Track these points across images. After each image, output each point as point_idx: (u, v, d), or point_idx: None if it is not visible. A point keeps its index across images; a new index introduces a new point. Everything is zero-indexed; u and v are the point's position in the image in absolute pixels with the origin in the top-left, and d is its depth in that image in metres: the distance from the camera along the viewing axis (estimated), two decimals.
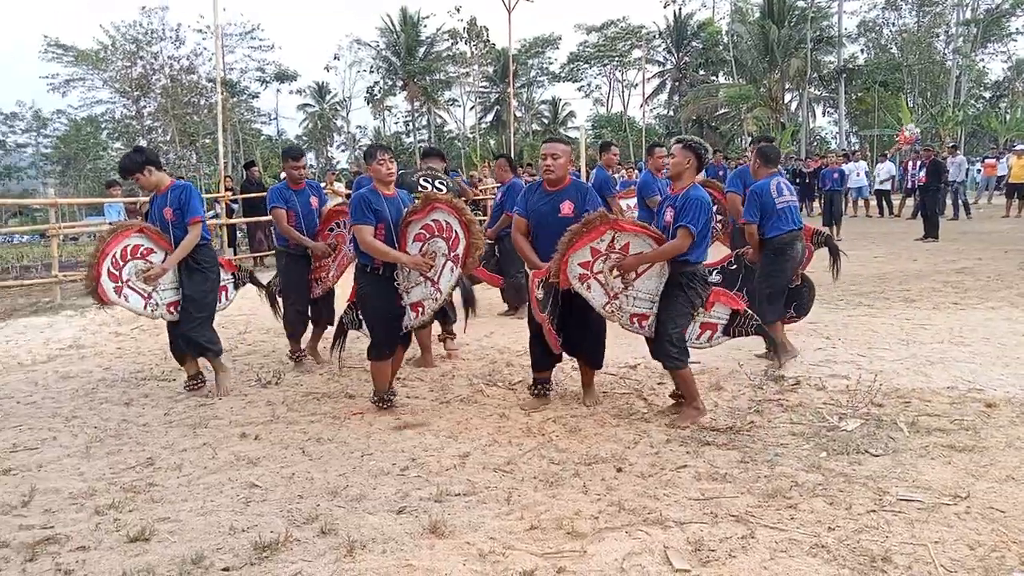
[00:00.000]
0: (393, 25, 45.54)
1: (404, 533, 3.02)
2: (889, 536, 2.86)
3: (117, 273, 4.92)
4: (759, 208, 5.48)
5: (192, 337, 5.15)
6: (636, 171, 18.65)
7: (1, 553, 2.92)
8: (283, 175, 6.12)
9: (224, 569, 2.75)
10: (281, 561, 2.81)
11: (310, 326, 6.04)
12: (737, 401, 4.66)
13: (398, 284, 4.54)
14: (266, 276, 6.59)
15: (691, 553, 2.79)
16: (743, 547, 2.81)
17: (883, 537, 2.85)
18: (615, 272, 4.25)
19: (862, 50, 43.79)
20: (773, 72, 38.27)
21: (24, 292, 10.94)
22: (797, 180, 21.57)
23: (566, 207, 4.37)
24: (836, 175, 15.60)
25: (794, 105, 43.11)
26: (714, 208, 5.99)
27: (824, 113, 46.51)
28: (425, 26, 45.92)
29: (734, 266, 6.06)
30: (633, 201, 7.98)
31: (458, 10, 46.05)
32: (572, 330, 4.50)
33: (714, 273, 6.05)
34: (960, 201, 18.33)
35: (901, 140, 24.29)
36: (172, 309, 5.15)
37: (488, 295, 8.39)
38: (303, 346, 6.09)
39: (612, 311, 4.32)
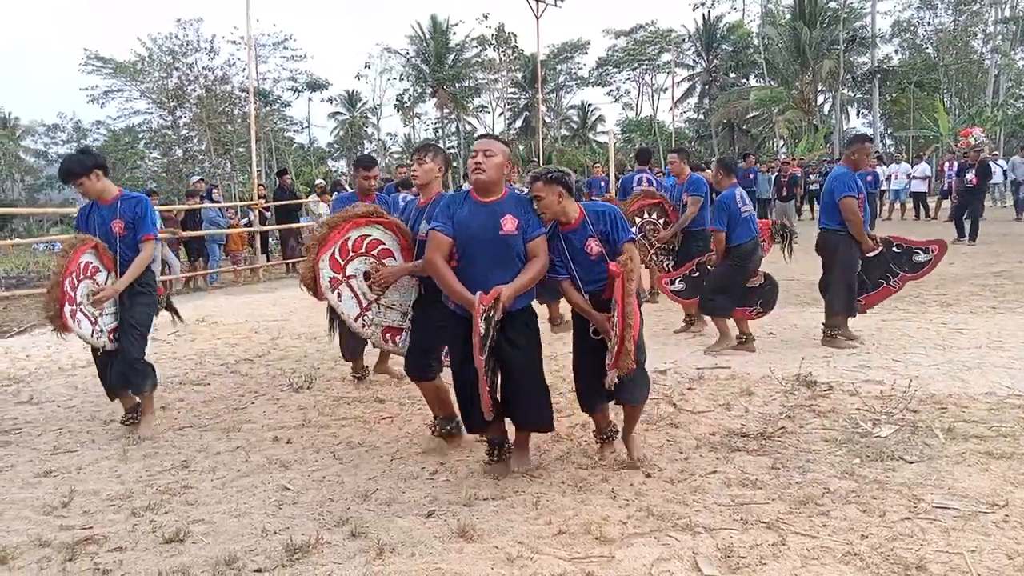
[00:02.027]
0: (423, 33, 45.89)
1: (433, 537, 3.04)
2: (924, 544, 2.81)
3: (72, 294, 4.16)
4: (727, 216, 5.88)
5: (135, 366, 4.48)
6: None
7: (43, 552, 3.00)
8: (344, 183, 6.07)
9: (256, 570, 2.79)
10: (312, 563, 2.84)
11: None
12: (768, 406, 4.61)
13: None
14: (291, 283, 6.68)
15: (721, 560, 2.76)
16: (774, 554, 2.78)
17: (918, 545, 2.80)
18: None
19: (896, 50, 43.12)
20: (805, 74, 37.82)
21: None
22: None
23: (508, 223, 3.43)
24: (870, 177, 15.34)
25: (827, 107, 42.55)
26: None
27: (858, 115, 45.82)
28: (454, 33, 46.21)
29: (696, 274, 6.16)
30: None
31: (486, 17, 46.11)
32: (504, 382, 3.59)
33: (676, 282, 6.12)
34: (1020, 199, 17.93)
35: (964, 143, 23.68)
36: (112, 336, 4.44)
37: None
38: (365, 363, 5.70)
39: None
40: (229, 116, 35.59)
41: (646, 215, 7.86)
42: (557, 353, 5.85)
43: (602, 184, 14.24)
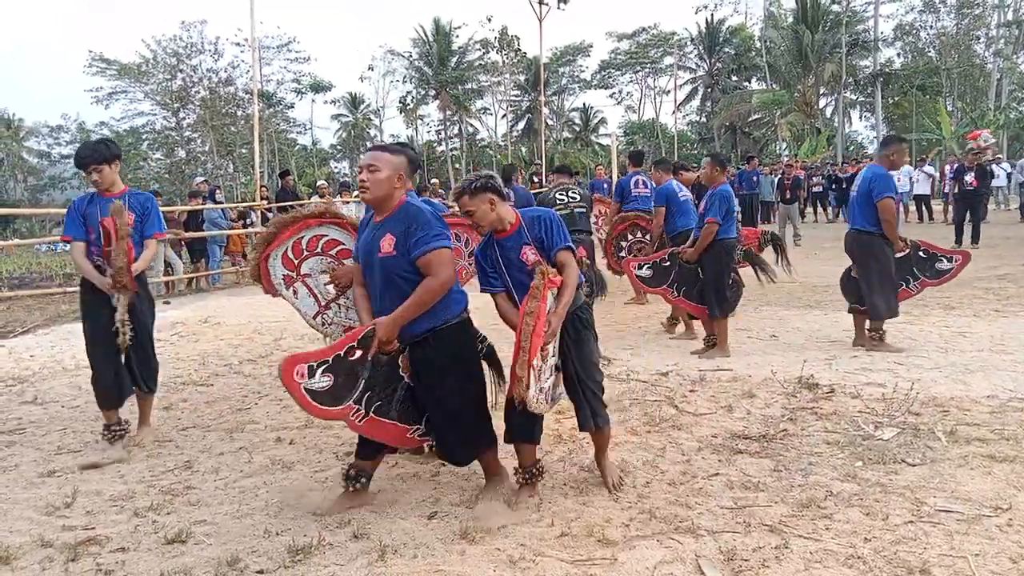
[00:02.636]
0: (426, 35, 45.96)
1: (435, 538, 3.04)
2: (927, 548, 2.80)
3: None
4: (726, 210, 5.92)
5: (151, 365, 4.44)
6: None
7: (45, 553, 3.01)
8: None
9: (259, 572, 2.79)
10: (314, 564, 2.84)
11: None
12: (770, 409, 4.61)
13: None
14: None
15: (723, 562, 2.76)
16: (776, 557, 2.78)
17: (921, 549, 2.80)
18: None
19: (899, 54, 43.09)
20: (807, 77, 37.84)
21: (67, 299, 11.23)
22: (833, 186, 21.29)
23: (385, 244, 3.13)
24: None
25: (829, 110, 42.55)
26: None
27: (860, 118, 45.81)
28: (457, 36, 46.29)
29: (667, 263, 6.17)
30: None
31: (489, 19, 46.42)
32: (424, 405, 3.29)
33: (644, 267, 6.13)
34: None
35: (976, 146, 23.59)
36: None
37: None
38: None
39: (536, 400, 3.13)
40: (232, 118, 35.71)
41: (630, 237, 7.91)
42: None
43: (604, 186, 14.25)
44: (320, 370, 2.87)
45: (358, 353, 2.99)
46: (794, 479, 3.50)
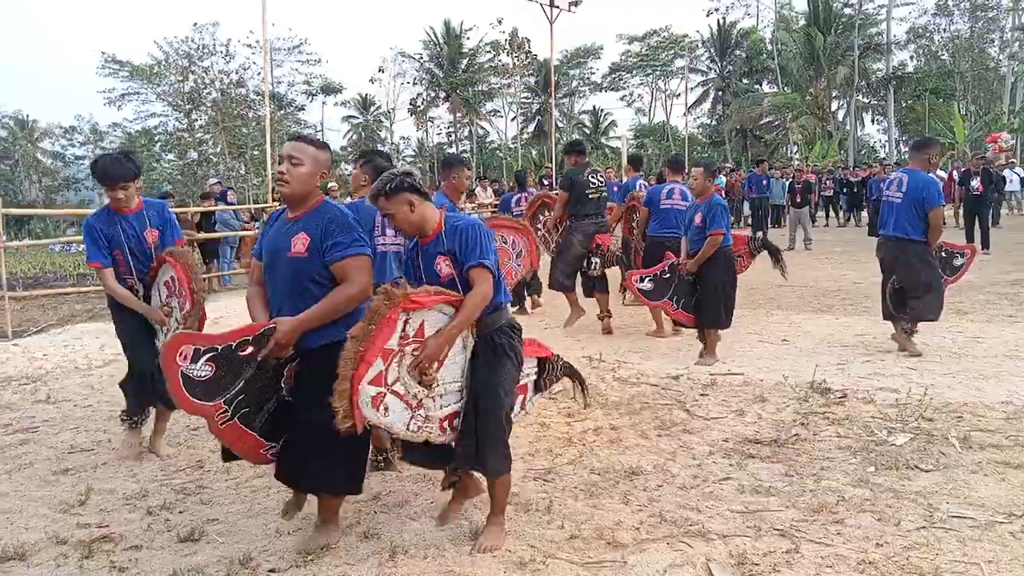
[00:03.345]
0: (436, 38, 46.07)
1: (445, 539, 3.05)
2: (940, 554, 2.79)
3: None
4: (725, 219, 5.89)
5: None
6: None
7: (60, 550, 3.03)
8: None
9: (271, 571, 2.81)
10: (325, 564, 2.86)
11: None
12: (782, 414, 4.59)
13: None
14: None
15: (734, 567, 2.76)
16: (788, 562, 2.77)
17: (933, 555, 2.78)
18: (416, 371, 2.79)
19: (912, 57, 42.93)
20: (819, 80, 37.72)
21: (81, 299, 11.32)
22: (844, 190, 21.19)
23: (297, 243, 2.85)
24: (884, 185, 15.27)
25: (841, 113, 42.39)
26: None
27: (873, 121, 45.62)
28: (468, 38, 46.35)
29: (667, 275, 6.08)
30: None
31: (500, 22, 46.39)
32: (289, 444, 2.94)
33: (646, 280, 6.04)
34: None
35: (995, 149, 23.41)
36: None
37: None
38: None
39: (419, 428, 2.82)
40: (244, 119, 35.85)
41: (636, 215, 7.95)
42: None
43: (614, 188, 14.23)
44: (205, 357, 2.61)
45: (249, 350, 2.71)
46: (806, 484, 3.49)
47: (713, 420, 4.51)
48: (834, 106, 41.17)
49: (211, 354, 2.62)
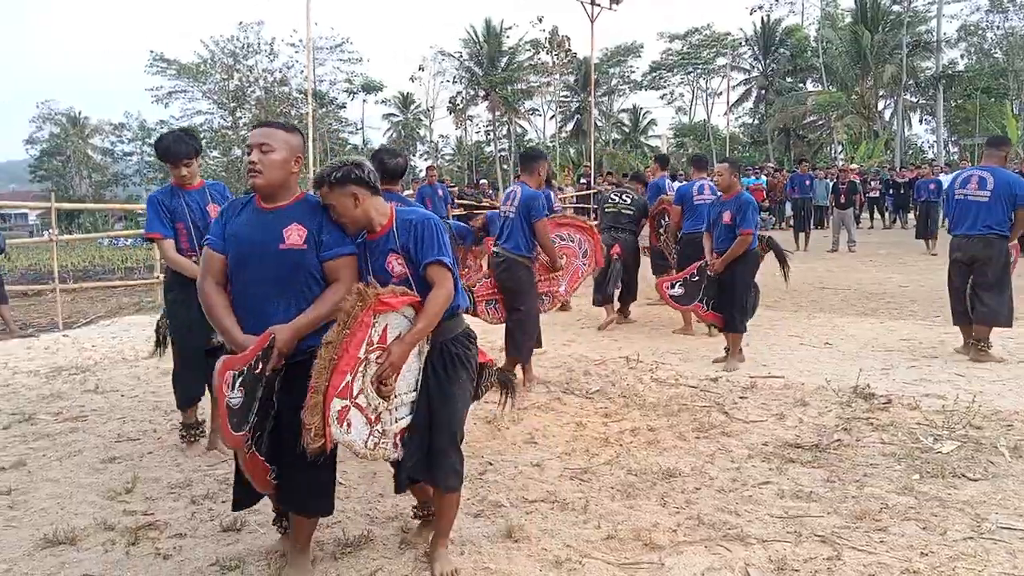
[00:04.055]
0: (476, 36, 46.18)
1: (481, 536, 3.06)
2: (988, 565, 2.72)
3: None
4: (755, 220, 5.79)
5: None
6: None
7: (108, 536, 3.12)
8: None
9: (312, 561, 2.85)
10: (363, 557, 2.89)
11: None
12: (823, 418, 4.51)
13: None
14: None
15: (773, 572, 2.72)
16: (829, 569, 2.73)
17: (981, 566, 2.71)
18: (375, 381, 2.55)
19: (963, 55, 41.72)
20: (865, 79, 36.93)
21: (128, 292, 11.63)
22: (891, 191, 20.73)
23: (292, 233, 2.61)
24: (932, 186, 14.89)
25: (888, 113, 41.46)
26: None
27: (921, 121, 44.54)
28: (508, 36, 46.37)
29: (696, 278, 5.96)
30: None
31: (540, 20, 46.27)
32: (283, 464, 2.67)
33: (676, 286, 5.90)
34: None
35: None
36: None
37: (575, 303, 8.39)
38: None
39: (375, 445, 2.60)
40: (287, 117, 36.37)
41: (666, 219, 7.90)
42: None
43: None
44: (238, 382, 2.37)
45: (260, 366, 2.45)
46: (848, 490, 3.43)
47: (752, 423, 4.46)
48: (880, 105, 40.29)
49: (240, 378, 2.39)
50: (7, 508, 3.46)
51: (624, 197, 7.98)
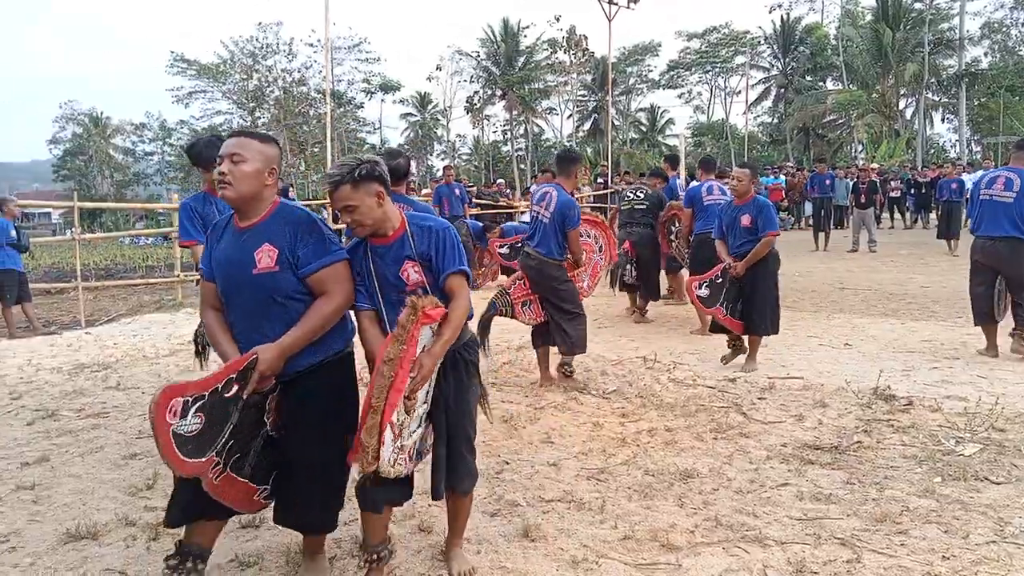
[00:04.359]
0: (494, 36, 46.22)
1: (498, 535, 3.06)
2: (1011, 570, 2.68)
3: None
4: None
5: None
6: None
7: (129, 531, 3.15)
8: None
9: (330, 559, 2.86)
10: None
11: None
12: (843, 419, 4.47)
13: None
14: None
15: (792, 574, 2.70)
16: (848, 572, 2.70)
17: (1004, 571, 2.68)
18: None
19: (986, 53, 41.20)
20: (887, 77, 36.53)
21: (149, 290, 11.75)
22: (912, 190, 20.51)
23: (263, 256, 2.47)
24: (955, 185, 14.72)
25: (909, 112, 40.98)
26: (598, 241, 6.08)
27: (943, 120, 43.98)
28: (525, 36, 46.39)
29: (720, 280, 5.84)
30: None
31: (558, 19, 46.33)
32: (281, 479, 2.61)
33: (703, 287, 5.81)
34: None
35: None
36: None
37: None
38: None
39: (394, 460, 2.42)
40: (305, 117, 36.67)
41: (677, 224, 7.92)
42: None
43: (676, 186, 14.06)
44: (195, 408, 2.22)
45: (234, 389, 2.34)
46: (868, 493, 3.39)
47: (771, 424, 4.43)
48: (902, 104, 39.83)
49: (200, 403, 2.24)
50: (31, 503, 3.51)
51: (638, 192, 8.25)
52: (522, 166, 45.92)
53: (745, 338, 5.85)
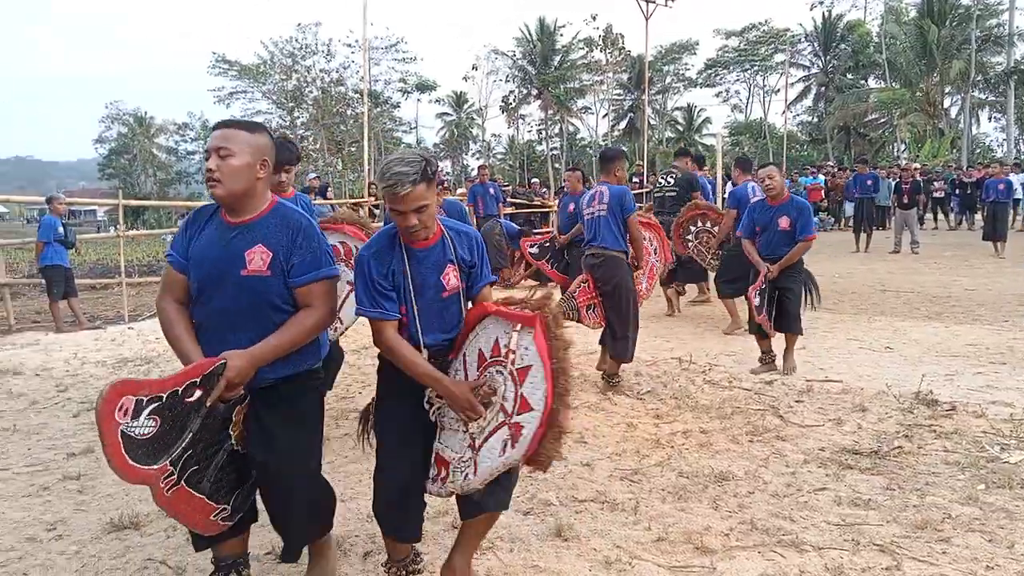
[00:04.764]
0: (530, 35, 46.21)
1: (531, 534, 3.07)
2: None
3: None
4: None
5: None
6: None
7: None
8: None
9: (365, 554, 2.90)
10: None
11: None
12: (883, 424, 4.39)
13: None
14: None
15: None
16: None
17: None
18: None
19: None
20: (931, 75, 35.67)
21: None
22: (957, 191, 20.02)
23: (255, 257, 2.30)
24: (1002, 186, 14.31)
25: (954, 110, 39.98)
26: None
27: (990, 119, 42.77)
28: (561, 35, 46.30)
29: (765, 286, 5.65)
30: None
31: (594, 18, 46.00)
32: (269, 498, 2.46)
33: (757, 294, 5.60)
34: None
35: None
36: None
37: None
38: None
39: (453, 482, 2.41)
40: (342, 117, 37.05)
41: (699, 224, 7.77)
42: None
43: (709, 186, 13.91)
44: (148, 409, 2.03)
45: (197, 394, 2.15)
46: (908, 499, 3.32)
47: (809, 428, 4.36)
48: (947, 102, 38.86)
49: (155, 404, 2.05)
50: (77, 492, 3.61)
51: (668, 178, 8.23)
52: (556, 165, 45.83)
53: (775, 349, 5.72)
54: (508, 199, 15.03)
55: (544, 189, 21.33)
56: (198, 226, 2.39)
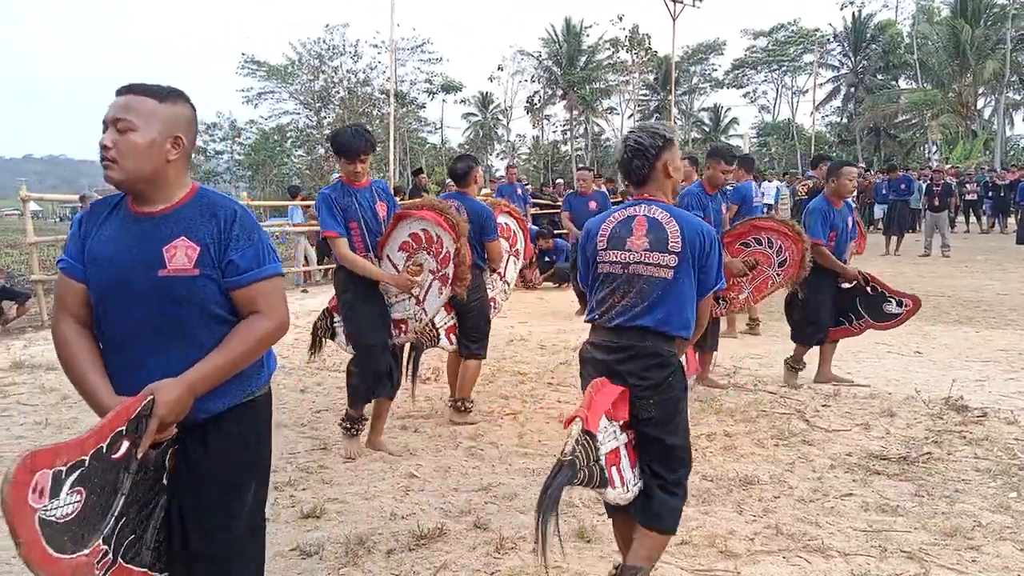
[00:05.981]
0: (556, 35, 46.18)
1: (552, 535, 3.06)
2: None
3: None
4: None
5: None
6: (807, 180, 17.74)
7: None
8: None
9: (388, 552, 2.92)
10: (436, 550, 2.94)
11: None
12: (912, 430, 4.32)
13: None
14: None
15: None
16: None
17: None
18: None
19: None
20: (964, 76, 35.06)
21: None
22: (990, 193, 19.67)
23: (176, 253, 1.80)
24: None
25: (988, 111, 39.25)
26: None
27: None
28: (587, 35, 46.21)
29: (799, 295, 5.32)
30: None
31: (620, 18, 45.94)
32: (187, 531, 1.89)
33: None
34: None
35: None
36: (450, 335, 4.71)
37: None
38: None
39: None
40: (369, 117, 37.29)
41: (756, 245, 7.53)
42: None
43: (727, 189, 13.81)
44: (70, 480, 1.51)
45: (124, 446, 1.65)
46: (937, 506, 3.27)
47: (835, 433, 4.31)
48: (980, 103, 38.18)
49: (77, 473, 1.53)
50: None
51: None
52: (581, 166, 45.72)
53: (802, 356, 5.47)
54: (532, 199, 15.03)
55: (569, 190, 21.29)
56: (96, 221, 1.88)
